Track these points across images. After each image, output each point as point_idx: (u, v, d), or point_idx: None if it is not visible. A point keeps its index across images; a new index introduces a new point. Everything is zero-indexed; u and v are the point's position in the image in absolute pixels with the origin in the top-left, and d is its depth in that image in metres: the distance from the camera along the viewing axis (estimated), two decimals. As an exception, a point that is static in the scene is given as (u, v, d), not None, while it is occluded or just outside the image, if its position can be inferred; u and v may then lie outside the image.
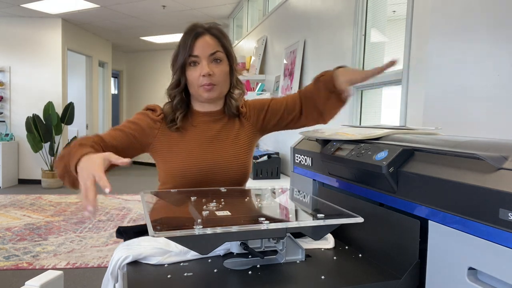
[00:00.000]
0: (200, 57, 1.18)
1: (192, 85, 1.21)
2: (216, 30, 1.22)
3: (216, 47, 1.20)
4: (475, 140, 0.75)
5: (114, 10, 5.93)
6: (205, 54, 1.18)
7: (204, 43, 1.19)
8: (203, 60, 1.18)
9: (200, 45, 1.18)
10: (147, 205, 0.90)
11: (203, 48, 1.18)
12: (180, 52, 1.20)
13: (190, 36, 1.18)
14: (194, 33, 1.18)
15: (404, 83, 1.74)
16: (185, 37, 1.20)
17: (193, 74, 1.19)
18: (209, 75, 1.18)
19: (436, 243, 0.72)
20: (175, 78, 1.22)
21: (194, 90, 1.22)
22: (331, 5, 2.58)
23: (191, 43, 1.18)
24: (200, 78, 1.18)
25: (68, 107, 6.55)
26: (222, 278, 0.79)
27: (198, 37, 1.19)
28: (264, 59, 4.16)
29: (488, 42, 1.50)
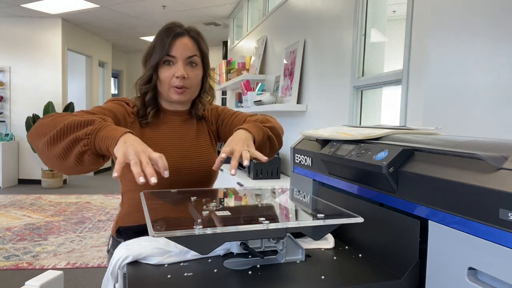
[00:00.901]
0: (176, 58, 1.18)
1: (163, 84, 1.20)
2: (195, 33, 1.22)
3: (194, 51, 1.20)
4: (475, 140, 0.75)
5: (114, 10, 5.93)
6: (183, 56, 1.18)
7: (183, 44, 1.18)
8: (179, 61, 1.18)
9: (178, 46, 1.17)
10: (147, 205, 0.90)
11: (181, 49, 1.18)
12: (156, 48, 1.18)
13: (170, 35, 1.17)
14: (174, 33, 1.17)
15: (404, 83, 1.74)
16: (163, 34, 1.18)
17: (166, 73, 1.18)
18: (184, 77, 1.17)
19: (436, 243, 0.72)
20: (147, 74, 1.21)
21: (164, 89, 1.21)
22: (331, 5, 2.59)
23: (170, 42, 1.16)
24: (173, 79, 1.18)
25: (68, 107, 6.56)
26: (222, 278, 0.79)
27: (177, 37, 1.18)
28: (264, 59, 4.16)
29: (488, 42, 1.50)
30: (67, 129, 0.87)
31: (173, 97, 1.20)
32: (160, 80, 1.20)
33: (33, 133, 0.91)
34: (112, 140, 0.87)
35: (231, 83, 4.50)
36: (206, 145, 1.30)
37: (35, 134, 0.91)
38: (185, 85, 1.19)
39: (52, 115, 0.96)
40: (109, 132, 0.88)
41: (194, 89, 1.24)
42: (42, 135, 0.89)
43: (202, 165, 1.26)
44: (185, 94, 1.21)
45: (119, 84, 9.65)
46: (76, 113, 1.02)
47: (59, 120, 0.91)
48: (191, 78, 1.20)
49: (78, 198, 5.63)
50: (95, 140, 0.88)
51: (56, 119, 0.92)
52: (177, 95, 1.20)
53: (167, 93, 1.21)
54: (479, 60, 1.51)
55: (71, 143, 0.87)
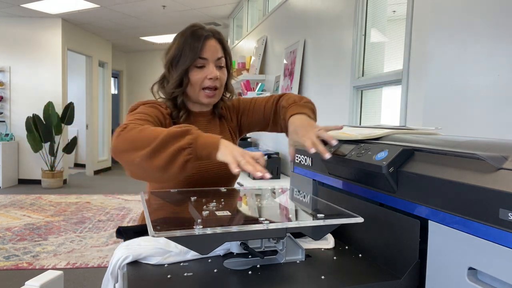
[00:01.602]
0: (208, 60, 1.20)
1: (194, 87, 1.21)
2: (219, 34, 1.25)
3: (221, 52, 1.23)
4: (475, 140, 0.75)
5: (114, 10, 5.93)
6: (213, 58, 1.21)
7: (212, 47, 1.21)
8: (211, 63, 1.20)
9: (208, 49, 1.20)
10: (147, 205, 0.90)
11: (212, 52, 1.21)
12: (185, 52, 1.19)
13: (199, 38, 1.19)
14: (204, 35, 1.20)
15: (404, 83, 1.74)
16: (190, 38, 1.20)
17: (197, 76, 1.20)
18: (216, 79, 1.20)
19: (436, 243, 0.72)
20: (177, 78, 1.21)
21: (194, 92, 1.22)
22: (331, 5, 2.58)
23: (201, 45, 1.19)
24: (205, 81, 1.20)
25: (68, 107, 6.56)
26: (222, 278, 0.79)
27: (206, 39, 1.20)
28: (264, 59, 4.16)
29: (488, 42, 1.50)
30: (167, 141, 0.89)
31: (204, 100, 1.23)
32: (191, 83, 1.21)
33: (121, 148, 0.92)
34: (214, 146, 0.91)
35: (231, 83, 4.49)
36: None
37: (126, 149, 0.92)
38: (216, 84, 1.22)
39: (132, 128, 0.95)
40: (207, 139, 0.92)
41: (222, 90, 1.27)
42: (138, 149, 0.90)
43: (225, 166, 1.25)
44: (215, 96, 1.24)
45: (119, 84, 9.65)
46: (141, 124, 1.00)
47: (148, 132, 0.92)
48: (221, 79, 1.23)
49: (78, 198, 5.63)
50: (197, 148, 0.90)
51: (144, 131, 0.93)
52: (207, 98, 1.22)
53: (197, 96, 1.22)
54: (479, 60, 1.51)
55: (175, 153, 0.89)
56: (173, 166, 0.89)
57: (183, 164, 0.90)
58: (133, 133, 0.93)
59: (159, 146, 0.89)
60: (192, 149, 0.90)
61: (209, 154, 0.91)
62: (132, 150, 0.91)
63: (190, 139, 0.90)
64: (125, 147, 0.92)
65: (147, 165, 0.90)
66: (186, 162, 0.90)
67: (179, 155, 0.89)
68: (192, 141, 0.90)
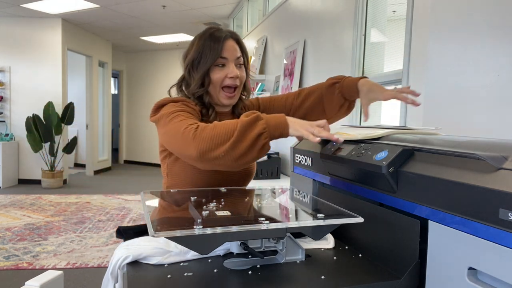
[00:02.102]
0: (228, 59, 1.22)
1: (215, 86, 1.23)
2: (236, 35, 1.28)
3: (239, 52, 1.26)
4: (475, 140, 0.75)
5: (114, 10, 5.93)
6: (233, 57, 1.23)
7: (231, 46, 1.24)
8: (231, 62, 1.23)
9: (228, 48, 1.22)
10: (147, 205, 0.90)
11: (231, 51, 1.23)
12: (206, 53, 1.22)
13: (219, 39, 1.22)
14: (223, 35, 1.22)
15: (404, 83, 1.74)
16: (209, 40, 1.22)
17: (218, 75, 1.22)
18: (237, 77, 1.22)
19: (436, 243, 0.72)
20: (199, 78, 1.23)
21: (215, 92, 1.24)
22: (331, 5, 2.58)
23: (222, 45, 1.21)
24: (226, 79, 1.22)
25: (68, 107, 6.55)
26: (222, 278, 0.79)
27: (226, 40, 1.23)
28: (264, 59, 4.16)
29: (488, 42, 1.49)
30: (244, 130, 0.96)
31: (224, 101, 1.24)
32: (212, 82, 1.23)
33: (205, 148, 0.97)
34: (284, 125, 0.97)
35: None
36: None
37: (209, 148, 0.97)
38: (237, 83, 1.24)
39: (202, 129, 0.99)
40: (276, 120, 0.98)
41: (240, 89, 1.28)
42: (220, 144, 0.96)
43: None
44: (235, 97, 1.26)
45: (119, 84, 9.64)
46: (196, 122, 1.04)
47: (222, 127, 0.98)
48: (241, 78, 1.25)
49: (78, 198, 5.63)
50: (270, 130, 0.97)
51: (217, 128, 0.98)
52: (227, 99, 1.24)
53: (218, 96, 1.24)
54: (479, 60, 1.51)
55: (253, 140, 0.95)
56: (254, 151, 0.96)
57: (261, 147, 0.97)
58: (208, 132, 0.98)
59: (239, 136, 0.95)
60: (267, 132, 0.96)
61: (281, 133, 0.98)
62: (215, 147, 0.96)
63: (263, 124, 0.96)
64: (208, 146, 0.96)
65: (231, 156, 0.96)
66: (264, 145, 0.97)
67: (258, 141, 0.96)
68: (265, 125, 0.96)
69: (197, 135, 0.98)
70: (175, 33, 7.38)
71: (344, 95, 1.30)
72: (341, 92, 1.30)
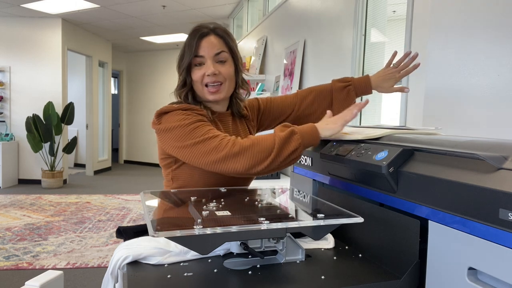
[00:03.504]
0: (205, 57, 1.19)
1: (197, 85, 1.21)
2: (220, 30, 1.23)
3: (221, 47, 1.21)
4: (475, 140, 0.75)
5: (114, 10, 5.93)
6: (210, 54, 1.19)
7: (209, 43, 1.20)
8: (208, 60, 1.19)
9: (205, 45, 1.19)
10: (147, 205, 0.90)
11: (208, 48, 1.19)
12: (185, 52, 1.21)
13: (195, 36, 1.19)
14: (199, 33, 1.19)
15: (404, 83, 1.74)
16: (190, 37, 1.21)
17: (197, 74, 1.20)
18: (214, 74, 1.19)
19: (436, 243, 0.72)
20: (181, 78, 1.22)
21: (199, 91, 1.23)
22: (331, 5, 2.58)
23: (196, 43, 1.18)
24: (205, 78, 1.19)
25: (68, 107, 6.55)
26: (222, 278, 0.79)
27: (203, 37, 1.20)
28: (264, 59, 4.16)
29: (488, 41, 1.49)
30: (282, 147, 1.02)
31: (208, 97, 1.21)
32: (194, 82, 1.22)
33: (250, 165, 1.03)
34: (316, 134, 1.05)
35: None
36: None
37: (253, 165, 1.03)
38: (218, 79, 1.20)
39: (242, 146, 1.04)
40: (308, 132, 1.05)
41: (228, 85, 1.24)
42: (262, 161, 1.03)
43: None
44: (219, 92, 1.21)
45: (119, 84, 9.64)
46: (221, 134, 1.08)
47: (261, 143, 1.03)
48: (223, 73, 1.21)
49: (78, 198, 5.63)
50: (305, 143, 1.04)
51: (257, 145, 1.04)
52: (211, 95, 1.21)
53: (203, 94, 1.22)
54: (479, 60, 1.51)
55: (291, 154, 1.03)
56: (288, 163, 1.05)
57: (295, 159, 1.05)
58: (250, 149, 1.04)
59: (278, 152, 1.02)
60: (302, 146, 1.03)
61: (315, 142, 1.05)
62: (258, 163, 1.03)
63: (298, 139, 1.03)
64: (252, 163, 1.03)
65: (270, 169, 1.05)
66: (298, 157, 1.05)
67: (294, 154, 1.03)
68: (300, 140, 1.03)
69: (240, 152, 1.03)
70: (175, 33, 7.38)
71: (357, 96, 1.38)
72: (356, 94, 1.37)
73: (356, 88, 1.37)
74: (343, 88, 1.37)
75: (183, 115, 1.12)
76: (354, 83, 1.37)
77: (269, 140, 1.03)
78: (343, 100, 1.37)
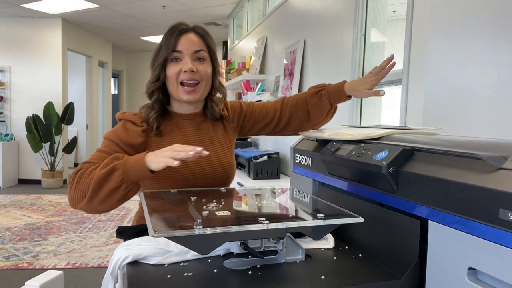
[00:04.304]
0: (183, 53, 1.15)
1: (172, 82, 1.17)
2: (201, 29, 1.20)
3: (201, 45, 1.18)
4: (475, 140, 0.75)
5: (114, 10, 5.93)
6: (189, 51, 1.16)
7: (189, 40, 1.16)
8: (186, 56, 1.16)
9: (184, 42, 1.16)
10: (147, 205, 0.90)
11: (187, 44, 1.16)
12: (162, 47, 1.17)
13: (174, 32, 1.16)
14: (179, 29, 1.16)
15: (404, 83, 1.74)
16: (168, 33, 1.17)
17: (173, 70, 1.16)
18: (192, 71, 1.15)
19: (436, 243, 0.72)
20: (155, 73, 1.18)
21: (173, 89, 1.18)
22: (331, 5, 2.58)
23: (175, 38, 1.15)
24: (181, 74, 1.15)
25: (68, 107, 6.55)
26: (222, 278, 0.79)
27: (182, 33, 1.17)
28: (264, 59, 4.16)
29: (488, 42, 1.49)
30: (99, 186, 0.97)
31: (183, 97, 1.17)
32: (168, 78, 1.17)
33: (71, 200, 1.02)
34: (143, 168, 0.96)
35: (231, 83, 4.50)
36: (223, 147, 1.27)
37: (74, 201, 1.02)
38: (194, 77, 1.16)
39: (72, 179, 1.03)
40: (136, 164, 0.97)
41: (205, 85, 1.20)
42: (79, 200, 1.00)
43: (220, 168, 1.23)
44: (195, 92, 1.18)
45: (119, 84, 9.64)
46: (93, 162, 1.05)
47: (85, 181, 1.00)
48: (201, 72, 1.17)
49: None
50: (130, 178, 0.97)
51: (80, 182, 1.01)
52: (186, 94, 1.17)
53: (176, 93, 1.18)
54: (479, 60, 1.51)
55: (111, 192, 0.97)
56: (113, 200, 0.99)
57: (123, 196, 0.99)
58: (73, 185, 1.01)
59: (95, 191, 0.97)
60: (126, 183, 0.97)
61: (144, 176, 0.97)
62: (78, 200, 1.00)
63: (119, 176, 0.96)
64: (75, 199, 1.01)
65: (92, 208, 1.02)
66: (126, 193, 0.99)
67: (117, 192, 0.97)
68: (122, 176, 0.96)
69: (69, 185, 1.02)
70: (175, 33, 7.37)
71: (331, 101, 1.30)
72: (328, 98, 1.30)
73: (329, 92, 1.30)
74: (316, 93, 1.32)
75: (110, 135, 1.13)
76: (328, 88, 1.32)
77: (90, 176, 0.98)
78: (316, 105, 1.31)
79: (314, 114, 1.33)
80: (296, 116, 1.34)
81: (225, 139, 1.30)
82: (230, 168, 1.27)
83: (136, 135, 1.15)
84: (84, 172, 1.02)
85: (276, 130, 1.38)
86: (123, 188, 0.97)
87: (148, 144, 1.18)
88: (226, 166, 1.25)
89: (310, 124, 1.35)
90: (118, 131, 1.15)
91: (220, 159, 1.25)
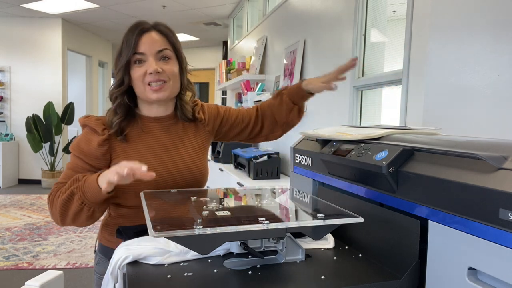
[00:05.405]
0: (146, 54, 1.10)
1: (138, 85, 1.12)
2: (163, 26, 1.15)
3: (164, 44, 1.13)
4: (475, 140, 0.75)
5: (114, 10, 5.93)
6: (152, 51, 1.10)
7: (151, 39, 1.10)
8: (150, 57, 1.10)
9: (146, 42, 1.10)
10: (147, 205, 0.90)
11: (150, 44, 1.10)
12: (123, 49, 1.10)
13: (135, 32, 1.09)
14: (139, 28, 1.10)
15: (404, 83, 1.74)
16: (128, 33, 1.11)
17: (138, 72, 1.10)
18: (157, 72, 1.10)
19: (436, 243, 0.72)
20: (118, 77, 1.12)
21: (140, 91, 1.13)
22: (331, 5, 2.58)
23: (135, 39, 1.09)
24: (146, 76, 1.10)
25: (68, 107, 6.55)
26: (222, 278, 0.79)
27: (143, 33, 1.10)
28: (264, 59, 4.16)
29: (488, 42, 1.49)
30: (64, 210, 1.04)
31: (151, 96, 1.12)
32: (133, 82, 1.12)
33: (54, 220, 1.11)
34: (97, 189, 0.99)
35: (231, 83, 4.50)
36: (194, 149, 1.24)
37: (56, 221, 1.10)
38: (161, 78, 1.11)
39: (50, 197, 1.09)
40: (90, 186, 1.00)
41: (173, 84, 1.15)
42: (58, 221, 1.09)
43: (191, 171, 1.20)
44: (163, 90, 1.12)
45: (119, 84, 9.66)
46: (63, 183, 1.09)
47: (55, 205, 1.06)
48: (167, 71, 1.12)
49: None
50: (89, 200, 1.01)
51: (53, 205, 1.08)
52: (154, 93, 1.12)
53: (144, 94, 1.13)
54: (479, 60, 1.51)
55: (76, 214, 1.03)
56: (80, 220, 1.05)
57: (89, 217, 1.05)
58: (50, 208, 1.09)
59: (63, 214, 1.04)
60: (87, 205, 1.02)
61: (101, 196, 1.00)
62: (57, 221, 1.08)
63: (78, 199, 1.01)
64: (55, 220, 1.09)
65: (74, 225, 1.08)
66: (92, 214, 1.04)
67: (81, 213, 1.03)
68: (82, 199, 1.01)
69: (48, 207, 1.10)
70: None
71: (292, 99, 1.30)
72: (288, 96, 1.30)
73: (289, 91, 1.30)
74: (278, 94, 1.33)
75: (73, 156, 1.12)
76: (288, 87, 1.32)
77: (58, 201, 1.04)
78: (279, 105, 1.31)
79: (277, 114, 1.34)
80: (266, 120, 1.36)
81: (197, 142, 1.25)
82: (200, 173, 1.22)
83: (98, 144, 1.10)
84: (54, 196, 1.07)
85: (251, 136, 1.39)
86: (86, 210, 1.02)
87: (113, 150, 1.13)
88: (196, 170, 1.21)
89: (277, 125, 1.36)
90: (81, 144, 1.12)
91: (190, 163, 1.20)
